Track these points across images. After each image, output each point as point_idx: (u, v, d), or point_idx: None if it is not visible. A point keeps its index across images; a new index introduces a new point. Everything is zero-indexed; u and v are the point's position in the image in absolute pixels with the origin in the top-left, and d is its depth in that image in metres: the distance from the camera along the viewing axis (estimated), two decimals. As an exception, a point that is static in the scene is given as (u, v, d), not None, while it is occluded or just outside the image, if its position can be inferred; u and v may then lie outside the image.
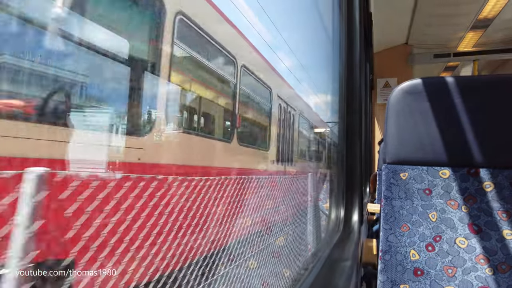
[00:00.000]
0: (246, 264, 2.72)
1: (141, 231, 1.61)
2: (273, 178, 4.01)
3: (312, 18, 6.62)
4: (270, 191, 3.44)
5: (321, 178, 5.65)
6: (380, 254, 0.76)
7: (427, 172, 0.76)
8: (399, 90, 0.79)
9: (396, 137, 0.78)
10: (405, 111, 0.78)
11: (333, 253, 1.09)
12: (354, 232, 1.41)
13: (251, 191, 2.97)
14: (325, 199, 4.87)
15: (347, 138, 1.54)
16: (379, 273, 0.75)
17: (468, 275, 0.70)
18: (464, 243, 0.72)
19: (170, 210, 1.83)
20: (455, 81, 0.76)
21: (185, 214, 1.98)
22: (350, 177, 1.52)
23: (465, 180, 0.74)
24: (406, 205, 0.76)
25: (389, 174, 0.78)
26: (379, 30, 3.48)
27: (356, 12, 1.69)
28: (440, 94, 0.76)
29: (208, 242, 2.22)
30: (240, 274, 2.56)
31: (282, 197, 3.71)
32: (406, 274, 0.73)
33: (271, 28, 7.25)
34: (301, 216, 4.14)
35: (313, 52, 10.86)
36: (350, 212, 1.50)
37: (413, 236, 0.74)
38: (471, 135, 0.73)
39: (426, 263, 0.72)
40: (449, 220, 0.74)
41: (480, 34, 4.22)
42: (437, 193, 0.75)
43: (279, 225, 3.53)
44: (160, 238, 1.76)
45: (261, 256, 2.95)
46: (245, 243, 2.73)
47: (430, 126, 0.76)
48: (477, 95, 0.75)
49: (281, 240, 3.55)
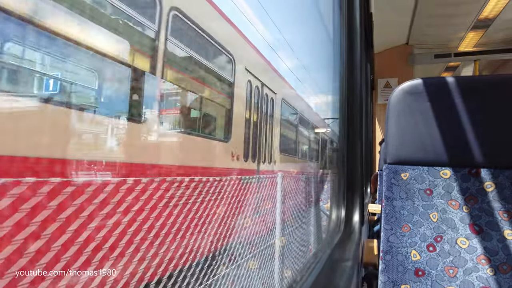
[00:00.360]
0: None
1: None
2: (232, 180, 2.86)
3: (313, 19, 6.60)
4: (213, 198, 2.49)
5: (313, 179, 5.04)
6: (381, 254, 0.76)
7: (428, 172, 0.76)
8: (400, 90, 0.79)
9: (396, 137, 0.78)
10: (406, 111, 0.78)
11: (334, 254, 1.09)
12: (355, 232, 1.41)
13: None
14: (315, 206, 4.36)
15: (348, 139, 1.54)
16: (380, 273, 0.75)
17: (469, 276, 0.70)
18: (465, 244, 0.72)
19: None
20: (456, 81, 0.76)
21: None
22: (351, 178, 1.52)
23: (466, 180, 0.74)
24: (407, 205, 0.76)
25: (390, 174, 0.78)
26: (380, 31, 3.48)
27: (356, 12, 1.69)
28: (441, 94, 0.76)
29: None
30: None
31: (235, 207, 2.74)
32: (407, 274, 0.73)
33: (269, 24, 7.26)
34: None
35: (313, 52, 10.86)
36: (351, 213, 1.50)
37: (414, 237, 0.74)
38: (472, 135, 0.73)
39: (427, 264, 0.72)
40: (450, 220, 0.74)
41: (481, 34, 4.22)
42: (438, 193, 0.75)
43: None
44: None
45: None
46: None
47: (431, 126, 0.76)
48: (478, 95, 0.75)
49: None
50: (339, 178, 1.58)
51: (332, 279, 0.87)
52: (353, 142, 1.54)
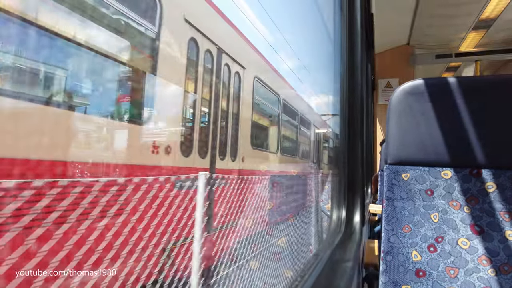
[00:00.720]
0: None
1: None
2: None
3: (314, 19, 6.60)
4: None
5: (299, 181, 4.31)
6: (381, 255, 0.75)
7: (428, 172, 0.76)
8: (401, 90, 0.79)
9: (397, 137, 0.78)
10: (407, 111, 0.78)
11: (335, 254, 1.09)
12: (355, 233, 1.41)
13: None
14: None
15: (348, 139, 1.54)
16: (381, 274, 0.74)
17: (470, 276, 0.70)
18: (466, 244, 0.72)
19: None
20: (457, 81, 0.76)
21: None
22: (351, 178, 1.52)
23: (467, 180, 0.74)
24: (408, 206, 0.76)
25: (391, 175, 0.78)
26: (381, 31, 3.48)
27: (357, 13, 1.69)
28: (441, 94, 0.76)
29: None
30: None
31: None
32: (408, 275, 0.73)
33: (269, 25, 7.27)
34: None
35: (314, 53, 10.87)
36: (352, 213, 1.50)
37: (415, 237, 0.74)
38: (473, 135, 0.73)
39: (428, 264, 0.72)
40: (451, 221, 0.74)
41: (482, 34, 4.21)
42: (439, 194, 0.75)
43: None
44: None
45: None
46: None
47: (431, 127, 0.76)
48: (479, 96, 0.75)
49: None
50: (340, 178, 1.58)
51: (333, 279, 0.87)
52: (354, 143, 1.54)
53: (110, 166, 1.90)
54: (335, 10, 1.76)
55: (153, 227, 2.00)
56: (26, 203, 1.37)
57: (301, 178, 5.64)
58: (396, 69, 4.65)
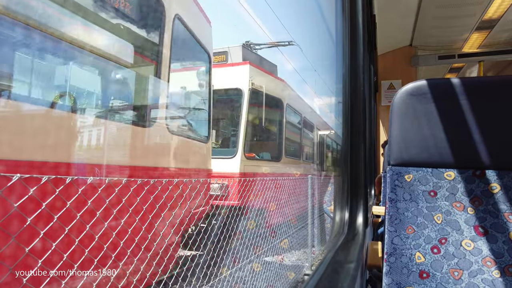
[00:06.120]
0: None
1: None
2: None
3: (316, 21, 6.63)
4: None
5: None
6: (385, 256, 0.75)
7: (432, 174, 0.76)
8: (404, 91, 0.79)
9: (400, 139, 0.78)
10: (410, 112, 0.78)
11: (338, 256, 1.09)
12: (359, 234, 1.40)
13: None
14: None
15: (351, 141, 1.54)
16: (384, 275, 0.74)
17: (474, 278, 0.69)
18: (470, 246, 0.71)
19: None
20: (460, 82, 0.75)
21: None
22: (354, 180, 1.51)
23: (470, 181, 0.74)
24: (411, 207, 0.76)
25: (394, 176, 0.78)
26: (383, 33, 3.48)
27: (359, 14, 1.69)
28: (445, 95, 0.76)
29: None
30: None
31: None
32: (411, 276, 0.72)
33: (272, 27, 7.26)
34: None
35: (316, 53, 10.87)
36: (355, 215, 1.49)
37: (418, 239, 0.74)
38: (476, 136, 0.73)
39: (431, 266, 0.72)
40: (454, 222, 0.73)
41: (485, 35, 4.19)
42: (442, 195, 0.75)
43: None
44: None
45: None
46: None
47: (434, 128, 0.76)
48: (482, 96, 0.74)
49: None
50: (343, 180, 1.57)
51: (336, 281, 0.87)
52: (357, 144, 1.53)
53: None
54: (337, 12, 1.76)
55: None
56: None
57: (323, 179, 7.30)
58: (398, 70, 4.64)
